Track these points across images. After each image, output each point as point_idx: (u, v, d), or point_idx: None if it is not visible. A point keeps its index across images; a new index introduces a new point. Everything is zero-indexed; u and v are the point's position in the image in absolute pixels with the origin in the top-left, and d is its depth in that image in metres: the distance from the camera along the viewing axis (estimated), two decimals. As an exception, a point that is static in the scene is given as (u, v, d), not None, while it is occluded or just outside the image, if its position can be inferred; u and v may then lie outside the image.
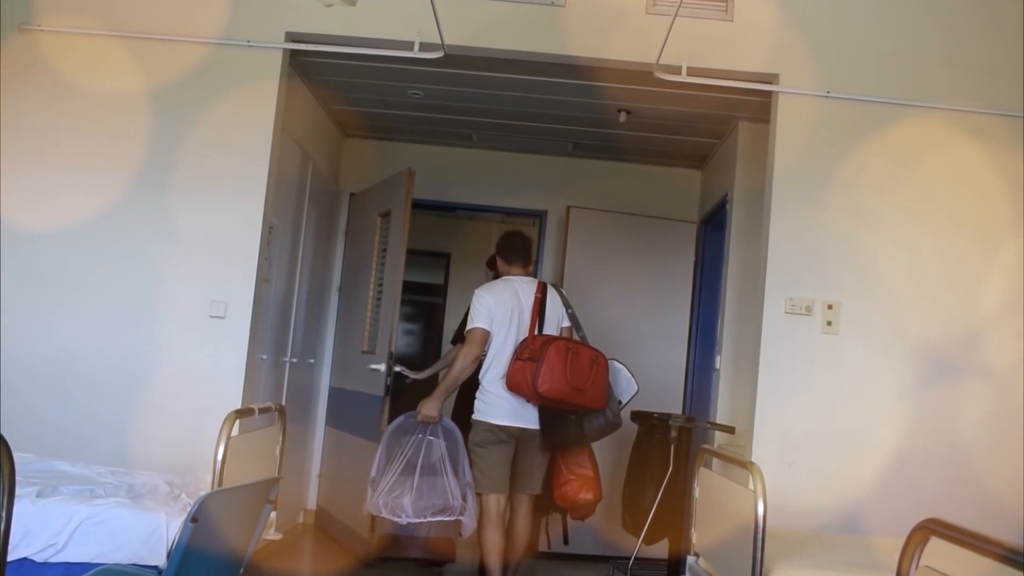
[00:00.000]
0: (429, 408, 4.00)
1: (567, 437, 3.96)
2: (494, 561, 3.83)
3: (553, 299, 4.08)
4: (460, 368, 3.96)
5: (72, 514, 2.62)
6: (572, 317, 4.11)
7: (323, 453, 5.70)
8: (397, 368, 4.83)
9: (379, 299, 5.01)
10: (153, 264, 3.92)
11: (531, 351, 3.83)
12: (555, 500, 4.11)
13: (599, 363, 3.90)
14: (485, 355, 3.98)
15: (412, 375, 5.04)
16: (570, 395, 3.79)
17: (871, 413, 3.84)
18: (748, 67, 4.08)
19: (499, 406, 3.92)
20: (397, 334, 4.62)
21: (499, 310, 3.96)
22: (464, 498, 3.86)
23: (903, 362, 3.86)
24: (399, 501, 3.79)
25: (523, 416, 3.92)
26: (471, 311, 4.00)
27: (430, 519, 3.79)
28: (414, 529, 3.83)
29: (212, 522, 2.15)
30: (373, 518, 4.00)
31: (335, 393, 5.69)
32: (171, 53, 4.01)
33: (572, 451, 4.07)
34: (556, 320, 4.06)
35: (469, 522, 3.86)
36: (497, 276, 4.33)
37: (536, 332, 3.96)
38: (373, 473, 3.95)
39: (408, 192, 4.90)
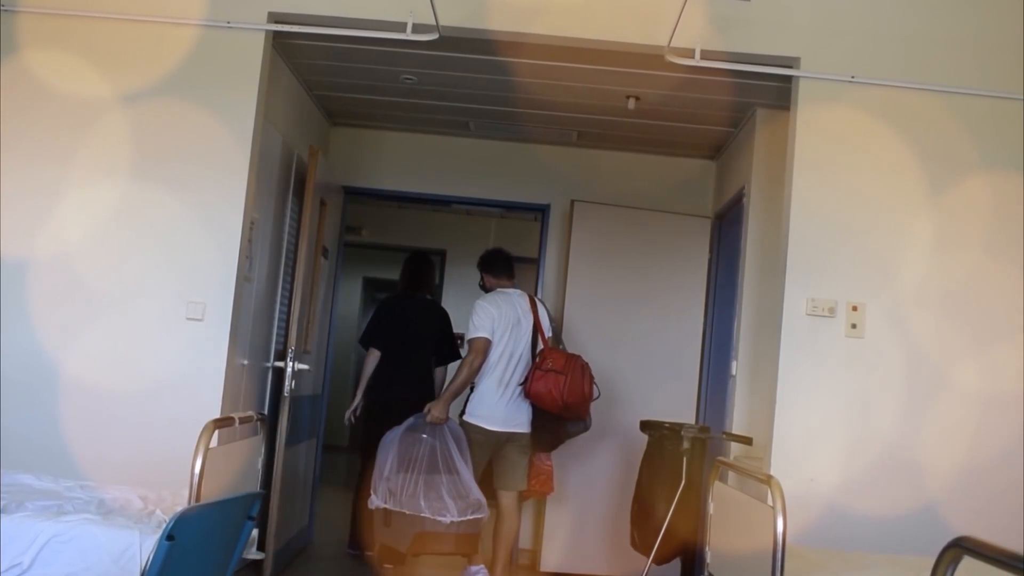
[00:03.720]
0: (439, 411, 4.61)
1: (557, 439, 4.79)
2: None
3: (543, 312, 4.84)
4: (467, 375, 4.63)
5: (38, 532, 2.61)
6: (555, 330, 4.90)
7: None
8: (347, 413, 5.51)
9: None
10: (124, 262, 3.91)
11: (554, 363, 4.57)
12: None
13: (592, 376, 4.66)
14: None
15: (351, 413, 5.53)
16: (582, 405, 4.59)
17: (899, 423, 3.84)
18: (767, 50, 4.08)
19: (493, 412, 4.64)
20: (297, 330, 4.72)
21: (501, 321, 4.67)
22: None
23: (934, 368, 3.86)
24: (443, 502, 4.41)
25: (512, 421, 4.66)
26: (474, 321, 4.66)
27: (469, 517, 4.43)
28: (445, 527, 4.41)
29: (189, 540, 2.15)
30: (388, 517, 4.51)
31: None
32: (145, 35, 4.01)
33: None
34: (546, 332, 4.80)
35: (485, 513, 4.52)
36: (405, 287, 5.67)
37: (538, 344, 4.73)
38: (386, 472, 4.49)
39: (311, 174, 4.88)
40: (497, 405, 4.63)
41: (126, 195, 3.93)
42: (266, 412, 4.62)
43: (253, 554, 3.04)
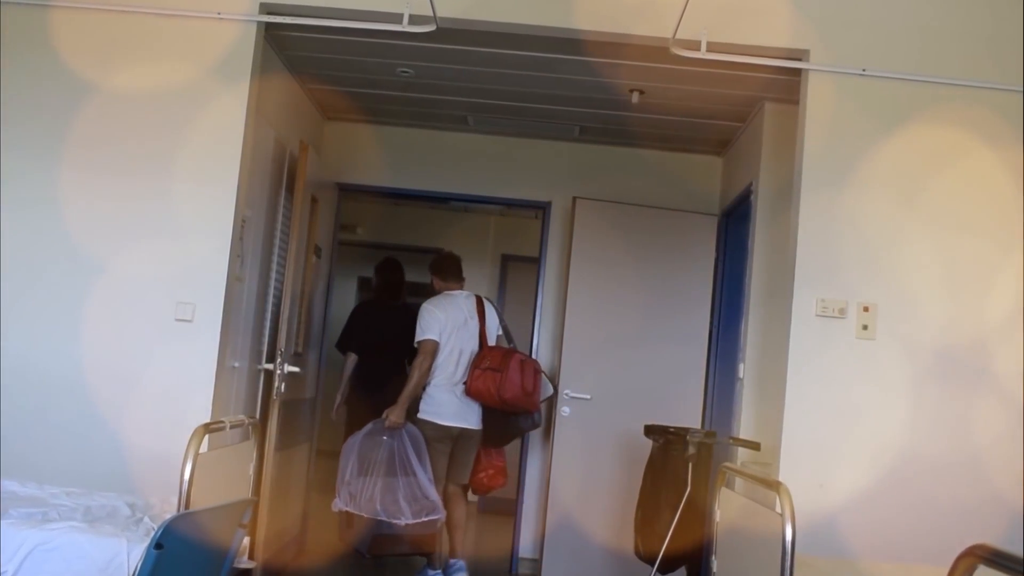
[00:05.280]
0: (397, 415, 4.85)
1: (505, 435, 5.10)
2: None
3: (490, 312, 5.16)
4: (418, 378, 4.91)
5: (23, 540, 2.61)
6: (505, 329, 5.21)
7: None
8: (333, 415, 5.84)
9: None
10: (112, 261, 3.91)
11: (491, 361, 4.88)
12: (471, 484, 5.18)
13: (538, 371, 5.02)
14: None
15: (334, 412, 5.84)
16: (522, 400, 4.89)
17: (911, 428, 3.83)
18: (775, 42, 4.07)
19: (445, 408, 4.94)
20: (286, 333, 4.72)
21: (448, 323, 4.98)
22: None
23: (947, 371, 3.85)
24: (397, 505, 4.64)
25: (465, 417, 4.96)
26: (422, 324, 4.97)
27: (424, 519, 4.67)
28: (401, 527, 4.66)
29: (178, 549, 2.14)
30: (350, 519, 4.76)
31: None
32: (132, 26, 4.01)
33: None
34: (494, 331, 5.13)
35: (441, 514, 4.77)
36: (379, 295, 6.07)
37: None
38: (347, 475, 4.73)
39: (300, 170, 4.85)
40: (448, 401, 4.94)
41: (112, 192, 3.93)
42: (258, 416, 4.62)
43: (244, 563, 3.03)
